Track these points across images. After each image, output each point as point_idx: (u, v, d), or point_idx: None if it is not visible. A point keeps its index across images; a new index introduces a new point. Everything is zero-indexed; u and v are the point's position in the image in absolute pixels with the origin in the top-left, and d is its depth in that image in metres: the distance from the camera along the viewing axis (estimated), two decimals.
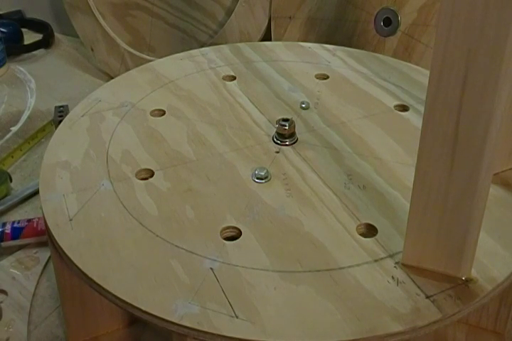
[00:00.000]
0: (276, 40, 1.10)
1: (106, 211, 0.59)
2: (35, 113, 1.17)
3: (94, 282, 0.52)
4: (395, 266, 0.52)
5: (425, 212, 0.48)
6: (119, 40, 1.24)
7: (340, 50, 0.87)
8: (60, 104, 1.09)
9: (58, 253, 0.57)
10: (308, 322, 0.48)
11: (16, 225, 0.85)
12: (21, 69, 1.32)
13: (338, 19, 1.04)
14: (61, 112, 1.06)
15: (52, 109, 1.09)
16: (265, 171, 0.63)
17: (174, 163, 0.65)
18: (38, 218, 0.86)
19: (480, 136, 0.43)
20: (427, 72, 0.43)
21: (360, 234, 0.56)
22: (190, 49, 0.89)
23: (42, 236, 0.84)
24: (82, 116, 0.73)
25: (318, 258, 0.53)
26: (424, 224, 0.49)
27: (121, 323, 0.70)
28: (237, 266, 0.53)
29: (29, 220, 0.85)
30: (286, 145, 0.68)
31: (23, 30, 1.43)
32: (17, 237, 0.84)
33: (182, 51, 0.88)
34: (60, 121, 0.74)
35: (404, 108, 0.74)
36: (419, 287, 0.50)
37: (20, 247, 0.85)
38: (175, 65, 0.84)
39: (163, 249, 0.54)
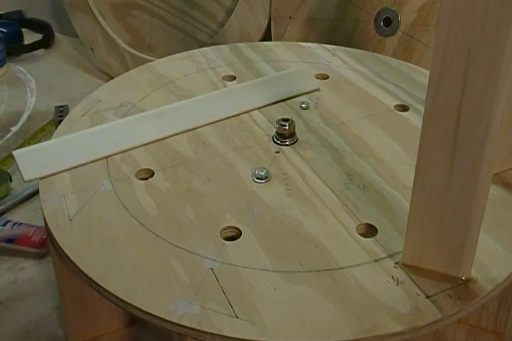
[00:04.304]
0: (276, 40, 1.10)
1: (106, 211, 0.59)
2: (35, 113, 1.17)
3: (94, 282, 0.52)
4: (395, 266, 0.52)
5: (425, 212, 0.48)
6: (119, 40, 1.24)
7: (340, 50, 0.87)
8: (60, 104, 1.09)
9: (58, 253, 0.57)
10: (309, 322, 0.48)
11: (14, 228, 0.84)
12: (21, 69, 1.32)
13: (338, 19, 1.04)
14: (61, 112, 1.06)
15: (53, 109, 1.09)
16: (265, 171, 0.63)
17: (174, 163, 0.65)
18: (37, 227, 0.85)
19: (480, 136, 0.43)
20: (427, 72, 0.43)
21: (360, 234, 0.56)
22: (190, 49, 0.89)
23: (33, 247, 0.84)
24: (82, 116, 0.73)
25: (318, 258, 0.53)
26: (424, 224, 0.49)
27: (121, 323, 0.70)
28: (237, 266, 0.53)
29: (28, 227, 0.85)
30: (286, 145, 0.68)
31: (23, 30, 1.43)
32: (12, 241, 0.84)
33: (182, 51, 0.88)
34: (60, 121, 0.74)
35: (404, 108, 0.74)
36: (419, 287, 0.50)
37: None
38: (175, 65, 0.84)
39: (163, 249, 0.54)
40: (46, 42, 1.41)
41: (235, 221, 0.57)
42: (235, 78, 0.81)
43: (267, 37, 1.12)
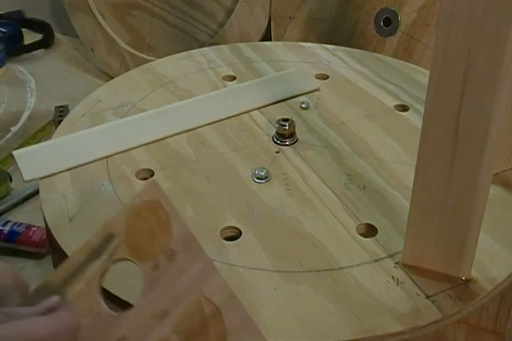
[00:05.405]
0: (276, 40, 1.10)
1: (106, 211, 0.59)
2: (35, 113, 1.17)
3: None
4: (395, 266, 0.52)
5: (425, 212, 0.48)
6: (119, 40, 1.24)
7: (340, 50, 0.87)
8: (60, 104, 1.09)
9: (58, 253, 0.57)
10: (308, 322, 0.48)
11: (15, 228, 0.84)
12: (21, 69, 1.32)
13: (338, 19, 1.04)
14: (61, 112, 1.06)
15: (52, 109, 1.09)
16: (265, 171, 0.63)
17: (174, 163, 0.65)
18: (37, 227, 0.85)
19: (480, 136, 0.43)
20: (427, 72, 0.43)
21: (360, 234, 0.56)
22: (190, 49, 0.89)
23: (33, 247, 0.84)
24: (82, 116, 0.73)
25: (318, 258, 0.53)
26: (424, 224, 0.49)
27: None
28: (237, 266, 0.53)
29: (28, 227, 0.85)
30: (286, 145, 0.68)
31: (23, 30, 1.43)
32: (12, 241, 0.84)
33: (182, 51, 0.88)
34: (60, 121, 0.74)
35: (404, 108, 0.74)
36: (419, 287, 0.50)
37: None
38: (175, 65, 0.84)
39: None
40: (46, 42, 1.41)
41: (235, 221, 0.57)
42: (235, 78, 0.81)
43: (267, 37, 1.12)
